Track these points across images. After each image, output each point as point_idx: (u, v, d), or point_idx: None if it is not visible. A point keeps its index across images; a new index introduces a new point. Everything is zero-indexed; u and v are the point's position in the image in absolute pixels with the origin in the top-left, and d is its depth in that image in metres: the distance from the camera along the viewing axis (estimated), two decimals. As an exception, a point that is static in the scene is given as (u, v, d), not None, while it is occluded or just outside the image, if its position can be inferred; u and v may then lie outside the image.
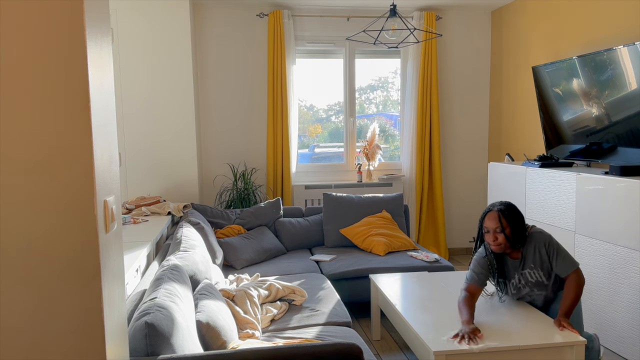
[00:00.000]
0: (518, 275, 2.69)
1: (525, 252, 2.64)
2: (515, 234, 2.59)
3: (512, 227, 2.58)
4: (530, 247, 2.62)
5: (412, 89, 5.26)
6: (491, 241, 2.61)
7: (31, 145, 1.26)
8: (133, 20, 4.50)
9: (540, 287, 2.67)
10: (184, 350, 1.82)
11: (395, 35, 5.01)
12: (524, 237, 2.62)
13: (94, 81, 1.31)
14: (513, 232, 2.59)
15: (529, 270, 2.65)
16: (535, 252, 2.62)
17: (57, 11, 1.24)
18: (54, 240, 1.28)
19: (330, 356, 1.74)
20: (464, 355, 2.29)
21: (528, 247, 2.63)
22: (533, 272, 2.64)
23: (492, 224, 2.60)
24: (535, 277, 2.65)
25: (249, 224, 4.27)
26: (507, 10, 5.14)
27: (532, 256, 2.63)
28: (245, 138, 5.18)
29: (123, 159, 4.62)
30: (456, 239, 5.65)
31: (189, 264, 2.59)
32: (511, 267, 2.70)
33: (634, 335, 2.98)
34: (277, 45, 4.97)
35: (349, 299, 3.72)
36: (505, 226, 2.58)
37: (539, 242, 2.61)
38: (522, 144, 4.95)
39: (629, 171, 3.14)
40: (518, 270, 2.68)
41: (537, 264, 2.62)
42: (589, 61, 3.57)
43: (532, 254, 2.63)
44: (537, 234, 2.63)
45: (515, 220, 2.59)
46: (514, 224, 2.59)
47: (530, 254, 2.63)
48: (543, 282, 2.65)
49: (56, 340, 1.30)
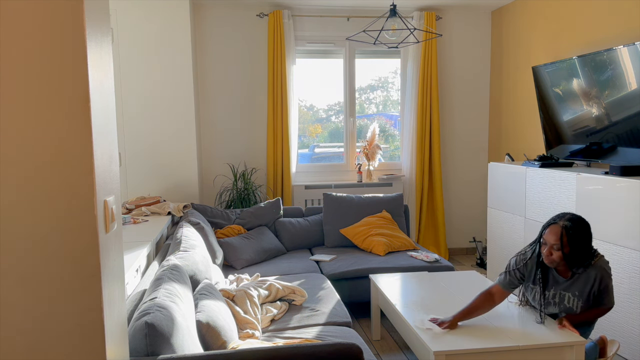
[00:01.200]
0: (556, 292, 2.50)
1: (579, 277, 2.43)
2: (574, 255, 2.37)
3: (572, 248, 2.35)
4: (586, 277, 2.41)
5: (412, 89, 5.26)
6: (546, 255, 2.42)
7: (31, 145, 1.26)
8: (133, 20, 4.50)
9: (568, 311, 2.51)
10: (184, 350, 1.82)
11: (395, 35, 5.00)
12: (583, 261, 2.39)
13: (94, 81, 1.31)
14: (572, 253, 2.36)
15: (570, 295, 2.46)
16: (587, 285, 2.41)
17: (57, 11, 1.24)
18: (54, 240, 1.28)
19: (330, 356, 1.74)
20: (464, 355, 2.29)
21: (583, 275, 2.42)
22: (573, 299, 2.46)
23: (551, 239, 2.38)
24: (571, 304, 2.47)
25: (249, 224, 4.27)
26: (507, 10, 5.14)
27: (582, 286, 2.43)
28: (245, 138, 5.18)
29: (123, 159, 4.62)
30: (456, 239, 5.65)
31: (189, 264, 2.59)
32: (553, 281, 2.50)
33: (634, 335, 2.98)
34: (277, 45, 4.97)
35: (349, 299, 3.72)
36: (565, 245, 2.36)
37: (598, 279, 2.39)
38: (522, 144, 4.95)
39: (629, 171, 3.14)
40: (559, 288, 2.49)
41: (582, 297, 2.44)
42: (589, 61, 3.57)
43: (583, 284, 2.43)
44: (602, 269, 2.40)
45: (578, 241, 2.35)
46: (575, 245, 2.35)
47: (581, 282, 2.43)
48: (574, 310, 2.49)
49: (56, 340, 1.30)
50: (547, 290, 2.52)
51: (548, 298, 2.52)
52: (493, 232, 4.52)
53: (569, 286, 2.46)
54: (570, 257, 2.37)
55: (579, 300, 2.45)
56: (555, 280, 2.50)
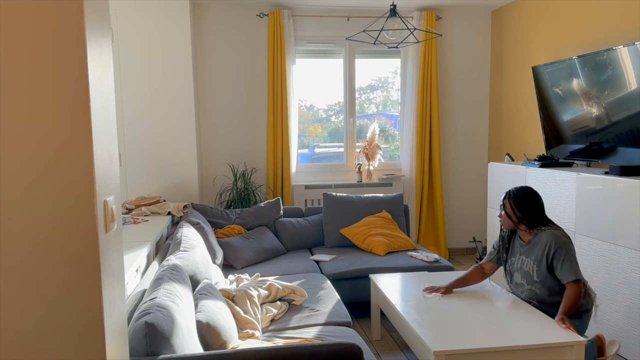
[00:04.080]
0: (518, 258, 2.82)
1: (535, 241, 2.73)
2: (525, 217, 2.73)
3: (520, 210, 2.73)
4: (541, 242, 2.69)
5: (412, 89, 5.26)
6: (499, 218, 2.86)
7: (31, 145, 1.26)
8: (133, 20, 4.50)
9: (529, 280, 2.74)
10: (184, 350, 1.83)
11: (395, 35, 5.00)
12: (534, 221, 2.73)
13: (94, 81, 1.31)
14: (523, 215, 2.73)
15: (529, 260, 2.74)
16: (541, 249, 2.68)
17: (57, 11, 1.24)
18: (54, 240, 1.28)
19: (330, 356, 1.74)
20: (464, 355, 2.29)
21: (540, 240, 2.69)
22: (530, 263, 2.74)
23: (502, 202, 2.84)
24: (528, 269, 2.74)
25: (249, 224, 4.27)
26: (507, 10, 5.14)
27: (537, 250, 2.70)
28: (245, 138, 5.18)
29: (123, 159, 4.62)
30: (456, 239, 5.65)
31: (189, 264, 2.59)
32: (517, 246, 2.84)
33: (633, 335, 2.98)
34: (277, 45, 4.97)
35: (349, 299, 3.72)
36: (514, 208, 2.75)
37: (550, 243, 2.64)
38: (522, 144, 4.95)
39: (629, 171, 3.14)
40: (521, 253, 2.80)
41: (536, 259, 2.69)
42: (589, 61, 3.57)
43: (538, 249, 2.69)
44: (555, 236, 2.65)
45: (522, 203, 2.73)
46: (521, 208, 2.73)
47: (537, 247, 2.70)
48: (532, 277, 2.72)
49: (56, 340, 1.30)
50: (512, 257, 2.86)
51: (513, 264, 2.84)
52: (493, 232, 4.52)
53: (528, 251, 2.76)
54: (523, 218, 2.74)
55: (534, 264, 2.71)
56: (518, 245, 2.83)
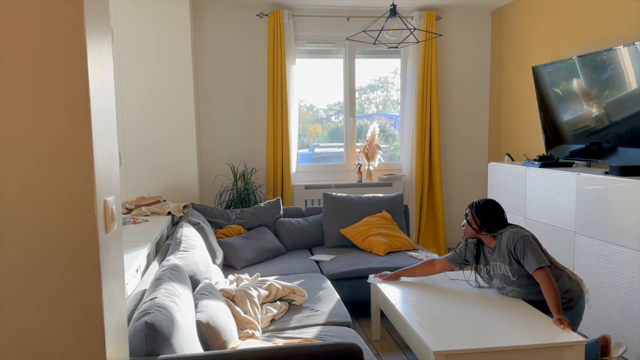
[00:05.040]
0: (490, 265, 2.93)
1: (498, 244, 2.85)
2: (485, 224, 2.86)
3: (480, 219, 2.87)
4: (503, 242, 2.82)
5: (412, 89, 5.26)
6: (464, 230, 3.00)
7: (31, 145, 1.26)
8: (133, 20, 4.50)
9: (507, 281, 2.83)
10: (184, 350, 1.83)
11: (395, 35, 5.00)
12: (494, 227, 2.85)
13: (94, 81, 1.31)
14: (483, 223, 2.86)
15: (500, 264, 2.86)
16: (505, 248, 2.80)
17: (57, 11, 1.24)
18: (54, 240, 1.28)
19: (330, 356, 1.74)
20: (464, 355, 2.29)
21: (501, 242, 2.83)
22: (502, 266, 2.84)
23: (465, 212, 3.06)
24: (502, 271, 2.85)
25: (249, 224, 4.27)
26: (507, 10, 5.14)
27: (502, 251, 2.82)
28: (245, 138, 5.18)
29: (123, 159, 4.62)
30: (456, 239, 5.65)
31: (189, 264, 2.59)
32: (487, 254, 2.95)
33: (633, 336, 2.98)
34: (277, 45, 4.97)
35: (349, 299, 3.72)
36: (475, 217, 2.89)
37: (510, 240, 2.77)
38: (522, 144, 4.95)
39: (629, 171, 3.14)
40: (491, 260, 2.92)
41: (505, 259, 2.81)
42: (589, 61, 3.57)
43: (503, 249, 2.82)
44: (512, 232, 2.79)
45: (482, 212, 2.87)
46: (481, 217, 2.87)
47: (501, 248, 2.83)
48: (509, 278, 2.81)
49: (56, 340, 1.30)
50: (487, 265, 2.95)
51: (489, 271, 2.94)
52: (493, 232, 4.52)
53: (496, 256, 2.87)
54: (483, 227, 2.86)
55: (505, 265, 2.81)
56: (488, 253, 2.93)
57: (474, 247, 3.03)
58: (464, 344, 2.31)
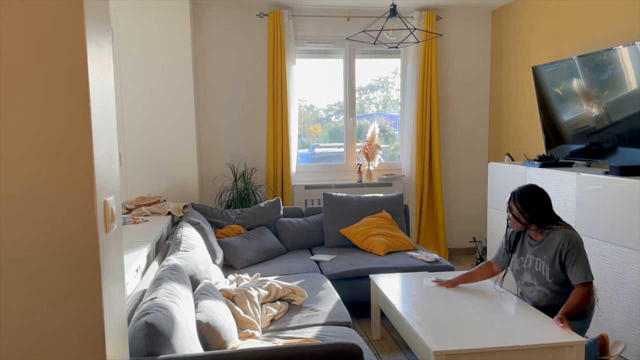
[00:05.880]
0: (528, 257, 2.76)
1: (547, 241, 2.67)
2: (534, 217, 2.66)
3: (528, 211, 2.66)
4: (553, 242, 2.64)
5: (412, 89, 5.26)
6: (508, 220, 2.81)
7: (31, 145, 1.26)
8: (133, 20, 4.50)
9: (540, 280, 2.69)
10: (184, 350, 1.83)
11: (395, 35, 5.00)
12: (544, 221, 2.67)
13: (94, 81, 1.31)
14: (532, 215, 2.66)
15: (539, 260, 2.69)
16: (553, 249, 2.63)
17: (57, 11, 1.24)
18: (54, 240, 1.28)
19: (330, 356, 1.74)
20: (464, 355, 2.29)
21: (552, 240, 2.64)
22: (541, 263, 2.68)
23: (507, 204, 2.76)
24: (539, 269, 2.69)
25: (249, 224, 4.27)
26: (507, 10, 5.14)
27: (549, 250, 2.65)
28: (245, 138, 5.18)
29: (123, 159, 4.62)
30: (456, 239, 5.65)
31: (189, 264, 2.59)
32: (527, 245, 2.77)
33: (633, 336, 2.98)
34: (277, 45, 4.97)
35: (349, 299, 3.72)
36: (521, 209, 2.68)
37: (563, 243, 2.60)
38: (522, 144, 4.95)
39: (629, 171, 3.14)
40: (530, 252, 2.75)
41: (549, 259, 2.64)
42: (589, 61, 3.57)
43: (550, 248, 2.65)
44: (568, 235, 2.61)
45: (530, 203, 2.67)
46: (529, 207, 2.67)
47: (549, 246, 2.65)
48: (545, 277, 2.67)
49: (56, 340, 1.30)
50: (521, 256, 2.80)
51: (522, 263, 2.78)
52: (493, 232, 4.52)
53: (539, 251, 2.70)
54: (532, 219, 2.67)
55: (546, 264, 2.65)
56: (528, 245, 2.77)
57: (514, 238, 2.85)
58: (464, 344, 2.31)
